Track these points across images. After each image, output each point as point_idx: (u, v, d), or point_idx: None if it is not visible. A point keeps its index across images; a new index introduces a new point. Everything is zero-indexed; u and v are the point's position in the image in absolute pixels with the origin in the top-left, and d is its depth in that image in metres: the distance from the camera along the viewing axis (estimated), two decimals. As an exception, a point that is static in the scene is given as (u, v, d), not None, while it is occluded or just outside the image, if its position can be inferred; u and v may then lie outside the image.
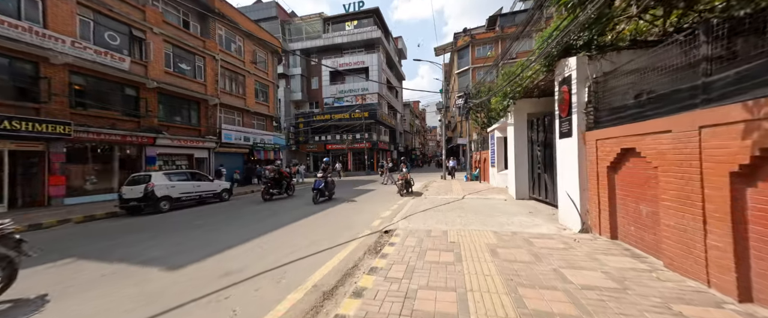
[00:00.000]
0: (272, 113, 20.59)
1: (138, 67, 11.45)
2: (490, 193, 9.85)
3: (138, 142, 11.46)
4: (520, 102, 8.18)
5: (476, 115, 17.09)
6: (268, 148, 19.80)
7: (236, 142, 16.82)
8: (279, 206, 9.12)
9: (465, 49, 28.52)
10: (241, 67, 17.58)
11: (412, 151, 55.14)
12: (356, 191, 12.78)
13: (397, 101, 40.67)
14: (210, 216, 7.77)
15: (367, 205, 8.79)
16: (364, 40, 30.60)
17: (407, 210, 7.40)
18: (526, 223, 5.42)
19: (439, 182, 15.10)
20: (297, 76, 32.20)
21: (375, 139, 29.98)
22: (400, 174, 11.06)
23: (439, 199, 9.10)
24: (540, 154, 7.51)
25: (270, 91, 20.50)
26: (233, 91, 17.14)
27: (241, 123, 17.89)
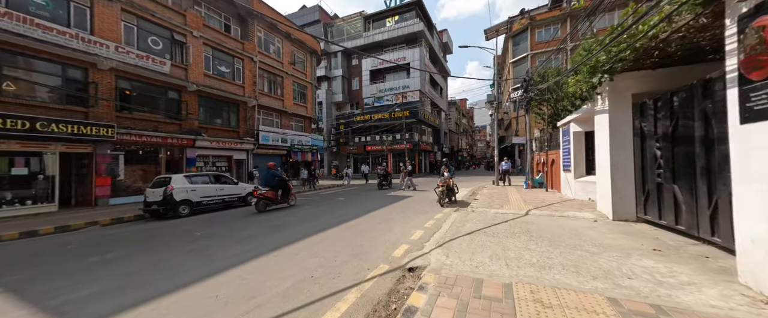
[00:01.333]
0: (310, 114, 20.35)
1: (178, 71, 11.81)
2: (565, 207, 7.17)
3: (178, 144, 11.77)
4: (620, 77, 5.52)
5: (539, 106, 13.89)
6: (306, 149, 19.54)
7: (274, 143, 16.77)
8: (294, 215, 7.99)
9: (522, 34, 24.62)
10: (280, 69, 17.57)
11: (459, 152, 51.30)
12: (391, 197, 11.13)
13: (442, 99, 37.94)
14: (220, 224, 6.97)
15: (399, 217, 7.05)
16: (406, 34, 28.96)
17: (447, 230, 5.44)
18: (661, 274, 3.03)
19: (491, 189, 12.49)
20: (338, 78, 32.21)
21: (416, 140, 28.03)
22: (441, 179, 9.05)
23: (491, 214, 6.86)
24: (661, 153, 4.79)
25: (308, 92, 20.30)
26: (271, 93, 17.19)
27: (279, 124, 17.90)
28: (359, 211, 8.25)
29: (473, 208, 7.63)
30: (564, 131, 9.45)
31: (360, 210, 8.38)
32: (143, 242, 5.55)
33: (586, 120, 7.95)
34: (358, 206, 9.16)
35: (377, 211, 8.06)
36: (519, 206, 7.62)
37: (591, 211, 6.49)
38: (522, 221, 5.98)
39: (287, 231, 5.91)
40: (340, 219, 7.04)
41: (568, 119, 8.76)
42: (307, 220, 7.12)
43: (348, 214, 7.66)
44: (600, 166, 6.37)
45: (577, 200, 8.22)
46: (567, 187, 9.24)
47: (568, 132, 8.97)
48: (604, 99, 6.01)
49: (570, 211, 6.68)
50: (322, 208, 9.15)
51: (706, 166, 3.85)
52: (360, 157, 30.94)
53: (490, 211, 7.21)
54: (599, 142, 6.35)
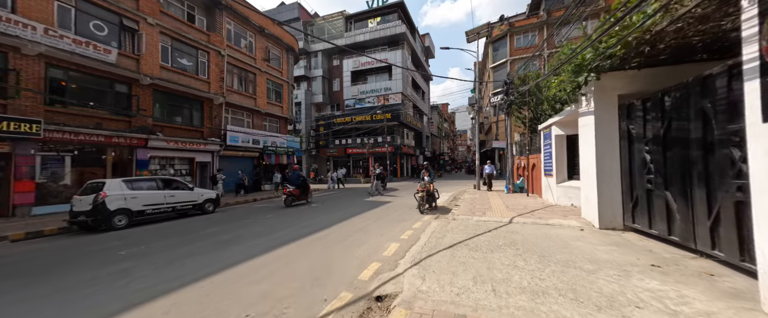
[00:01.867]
0: (286, 115, 19.22)
1: (128, 61, 10.44)
2: (549, 214, 6.80)
3: (127, 144, 10.34)
4: (606, 77, 5.21)
5: (520, 110, 13.82)
6: (281, 151, 18.36)
7: (244, 144, 15.50)
8: (254, 226, 7.04)
9: (501, 40, 25.02)
10: (252, 65, 16.39)
11: (441, 156, 51.59)
12: (370, 204, 10.39)
13: (424, 103, 37.92)
14: (159, 239, 5.89)
15: (374, 227, 6.33)
16: (388, 36, 28.59)
17: (425, 242, 4.81)
18: (672, 301, 2.54)
19: (472, 194, 12.12)
20: (318, 79, 31.16)
21: (398, 143, 27.55)
22: (420, 184, 8.46)
23: (473, 222, 6.34)
24: (651, 157, 4.47)
25: (284, 91, 19.19)
26: (242, 90, 15.96)
27: (250, 124, 16.64)
28: (332, 219, 7.44)
29: (454, 216, 7.08)
30: (545, 135, 9.23)
31: (333, 218, 7.58)
32: (44, 266, 4.41)
33: (569, 123, 7.72)
34: (331, 214, 8.35)
35: (352, 220, 7.29)
36: (502, 213, 7.17)
37: (576, 219, 6.14)
38: (506, 231, 5.48)
39: (237, 247, 5.00)
40: (306, 230, 6.20)
41: (549, 122, 8.52)
42: (266, 232, 6.21)
43: (317, 224, 6.83)
44: (585, 171, 6.04)
45: (560, 206, 7.94)
46: (548, 191, 8.98)
47: (549, 136, 8.74)
48: (590, 100, 5.69)
49: (554, 218, 6.30)
50: (289, 216, 8.24)
51: (705, 171, 3.49)
52: (340, 161, 29.95)
53: (472, 218, 6.69)
54: (584, 145, 6.03)
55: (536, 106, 12.02)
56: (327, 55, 31.86)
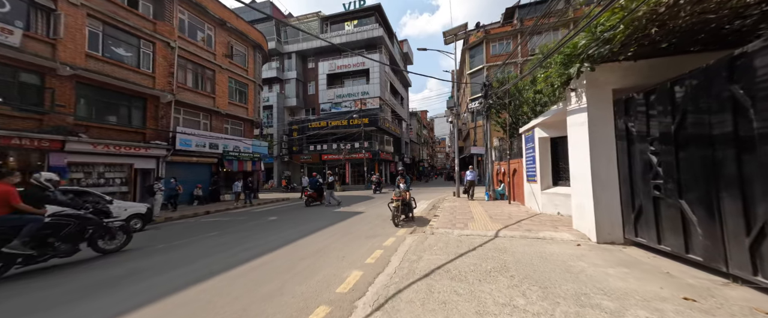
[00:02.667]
0: (252, 117, 17.54)
1: (40, 46, 8.54)
2: (538, 226, 6.04)
3: (36, 147, 8.35)
4: (599, 69, 4.57)
5: (498, 114, 13.42)
6: (245, 157, 16.59)
7: (198, 149, 13.66)
8: (192, 246, 5.59)
9: (478, 47, 25.25)
10: (210, 61, 14.71)
11: (420, 162, 51.36)
12: (338, 215, 9.17)
13: (403, 109, 37.51)
14: (15, 279, 4.28)
15: (336, 246, 5.16)
16: (365, 39, 27.89)
17: (396, 268, 3.75)
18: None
19: (452, 201, 11.31)
20: (292, 81, 29.60)
21: (376, 149, 26.57)
22: (395, 192, 7.45)
23: (455, 237, 5.39)
24: (658, 159, 3.80)
25: (250, 91, 17.55)
26: (198, 88, 14.19)
27: (208, 127, 14.82)
28: (288, 237, 6.15)
29: (433, 229, 6.10)
30: (527, 138, 8.66)
31: (289, 235, 6.29)
32: None
33: (554, 124, 7.13)
34: (290, 230, 7.04)
35: (311, 238, 6.05)
36: (486, 225, 6.31)
37: (568, 231, 5.39)
38: (494, 248, 4.56)
39: (121, 292, 3.58)
40: (248, 254, 4.88)
41: (532, 124, 7.94)
42: (190, 259, 4.80)
43: (267, 244, 5.52)
44: (576, 177, 5.35)
45: (546, 214, 7.26)
46: (532, 199, 8.34)
47: (532, 138, 8.15)
48: (581, 96, 5.04)
49: (545, 230, 5.51)
50: (237, 233, 6.81)
51: (739, 174, 2.78)
52: (315, 167, 28.32)
53: (453, 232, 5.74)
54: (575, 147, 5.35)
55: (516, 109, 11.62)
56: (301, 57, 30.49)
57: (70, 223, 4.40)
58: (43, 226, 4.11)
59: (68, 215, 4.45)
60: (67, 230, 4.36)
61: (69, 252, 4.45)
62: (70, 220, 4.42)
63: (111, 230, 5.06)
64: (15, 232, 3.84)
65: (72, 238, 4.46)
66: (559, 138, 7.34)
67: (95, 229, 4.79)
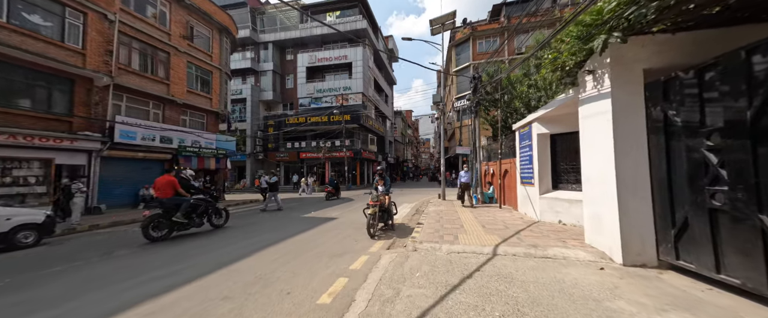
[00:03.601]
0: (217, 108, 15.60)
1: None
2: (540, 238, 4.99)
3: None
4: (631, 43, 3.54)
5: (488, 111, 12.51)
6: (207, 153, 14.66)
7: (146, 143, 11.68)
8: (75, 274, 4.02)
9: (464, 44, 24.55)
10: (164, 42, 12.72)
11: (404, 162, 50.47)
12: (308, 221, 7.75)
13: (387, 107, 36.36)
14: None
15: (284, 273, 3.79)
16: (348, 31, 26.40)
17: (363, 314, 2.47)
18: None
19: (437, 205, 10.21)
20: (268, 73, 27.53)
21: (358, 148, 25.19)
22: (372, 197, 6.19)
23: (443, 254, 4.21)
24: (719, 159, 2.79)
25: (215, 80, 15.61)
26: (146, 72, 12.18)
27: (160, 117, 12.82)
28: (221, 257, 4.70)
29: (416, 243, 4.88)
30: (522, 135, 7.69)
31: (226, 254, 4.84)
32: None
33: (556, 118, 6.15)
34: (239, 243, 5.57)
35: (256, 256, 4.64)
36: (479, 237, 5.18)
37: (581, 247, 4.35)
38: (496, 275, 3.40)
39: None
40: (129, 296, 3.39)
41: (530, 118, 6.94)
42: (46, 303, 3.27)
43: (175, 275, 3.98)
44: (591, 180, 4.33)
45: (546, 223, 6.27)
46: (527, 204, 7.37)
47: (528, 135, 7.16)
48: (601, 79, 4.00)
49: (553, 246, 4.45)
50: (147, 255, 5.25)
51: None
52: (293, 166, 26.47)
53: (441, 248, 4.56)
54: (590, 143, 4.33)
55: (508, 104, 10.71)
56: (279, 47, 28.48)
57: (201, 204, 6.50)
58: (190, 205, 6.23)
59: (201, 198, 6.53)
60: (201, 209, 6.50)
61: (199, 224, 6.55)
62: (201, 202, 6.50)
63: (219, 211, 7.16)
64: (177, 208, 6.05)
65: (202, 214, 6.60)
66: (561, 135, 6.39)
67: (212, 210, 6.91)
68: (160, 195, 6.12)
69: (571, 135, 6.13)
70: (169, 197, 6.09)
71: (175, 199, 6.11)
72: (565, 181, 6.41)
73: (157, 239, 5.81)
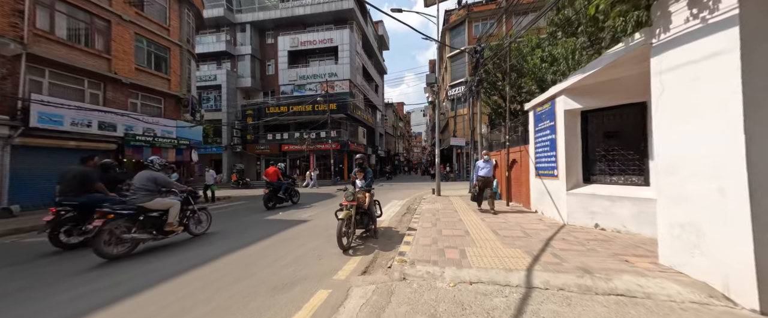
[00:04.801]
0: (177, 92, 13.45)
1: None
2: (585, 253, 3.44)
3: None
4: None
5: (488, 96, 10.91)
6: (164, 144, 12.58)
7: (77, 129, 9.57)
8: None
9: (459, 27, 22.83)
10: (102, 7, 10.48)
11: (396, 156, 48.88)
12: (269, 226, 6.00)
13: (377, 97, 34.44)
14: None
15: (203, 313, 2.08)
16: (334, 12, 24.24)
17: None
18: None
19: (432, 203, 8.63)
20: (246, 58, 25.13)
21: (345, 139, 23.33)
22: (347, 195, 4.52)
23: (448, 286, 2.56)
24: None
25: (173, 58, 13.40)
26: (79, 43, 9.96)
27: (100, 99, 10.66)
28: (111, 294, 2.93)
29: (405, 266, 3.23)
30: (539, 115, 6.11)
31: (129, 282, 3.07)
32: None
33: (593, 88, 4.57)
34: (149, 265, 3.79)
35: (159, 289, 2.90)
36: (496, 251, 3.58)
37: (664, 274, 2.80)
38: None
39: None
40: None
41: (554, 90, 5.35)
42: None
43: None
44: (682, 168, 2.76)
45: (577, 227, 4.75)
46: (545, 202, 5.84)
47: (550, 114, 5.59)
48: (704, 4, 2.40)
49: (616, 270, 2.88)
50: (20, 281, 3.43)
51: None
52: (274, 158, 24.41)
53: (443, 275, 2.93)
54: (682, 109, 2.74)
55: (514, 83, 9.11)
56: (258, 29, 26.03)
57: (290, 187, 9.17)
58: (286, 187, 8.96)
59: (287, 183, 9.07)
60: (291, 191, 9.25)
61: (286, 200, 9.04)
62: (283, 184, 8.97)
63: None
64: (279, 189, 8.74)
65: (291, 196, 9.21)
66: (597, 111, 4.83)
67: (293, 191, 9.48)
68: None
69: (614, 111, 4.58)
70: (275, 181, 7.38)
71: (279, 182, 7.79)
72: (601, 172, 4.89)
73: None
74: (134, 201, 4.17)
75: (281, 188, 8.82)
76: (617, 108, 4.57)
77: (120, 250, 3.98)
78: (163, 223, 4.44)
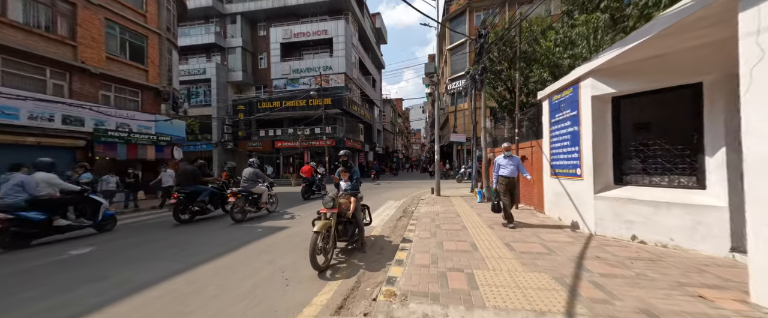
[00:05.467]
0: (156, 84, 12.46)
1: None
2: (638, 281, 2.57)
3: None
4: None
5: (492, 87, 9.96)
6: (142, 140, 11.63)
7: (36, 124, 8.61)
8: None
9: (460, 18, 21.80)
10: (65, -13, 9.45)
11: (394, 153, 47.96)
12: (236, 236, 5.10)
13: (375, 92, 33.40)
14: None
15: None
16: (328, 2, 23.13)
17: None
18: None
19: (432, 205, 7.75)
20: (237, 50, 24.04)
21: (341, 136, 22.39)
22: (326, 202, 3.62)
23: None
24: None
25: (151, 47, 12.39)
26: (37, 27, 8.96)
27: (67, 91, 9.68)
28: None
29: (395, 307, 2.33)
30: (556, 105, 5.21)
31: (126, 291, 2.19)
32: None
33: (629, 68, 3.67)
34: (50, 298, 2.89)
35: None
36: (516, 280, 2.70)
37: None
38: None
39: None
40: None
41: (579, 72, 4.44)
42: None
43: None
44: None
45: (609, 238, 3.88)
46: (564, 206, 4.97)
47: (571, 102, 4.69)
48: None
49: (691, 313, 2.00)
50: None
51: None
52: (267, 156, 23.49)
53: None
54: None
55: (524, 69, 8.16)
56: (249, 20, 24.91)
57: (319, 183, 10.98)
58: (318, 181, 10.82)
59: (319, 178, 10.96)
60: (320, 185, 10.95)
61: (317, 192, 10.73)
62: (315, 179, 10.83)
63: None
64: (312, 183, 10.54)
65: (320, 189, 10.88)
66: (634, 97, 3.93)
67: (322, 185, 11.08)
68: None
69: (657, 95, 3.69)
70: (310, 177, 9.96)
71: (314, 178, 9.59)
72: (636, 172, 4.01)
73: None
74: (246, 187, 6.50)
75: (314, 182, 10.69)
76: (661, 92, 3.67)
77: (240, 217, 6.19)
78: (259, 201, 6.68)
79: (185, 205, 6.20)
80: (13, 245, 4.44)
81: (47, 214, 4.67)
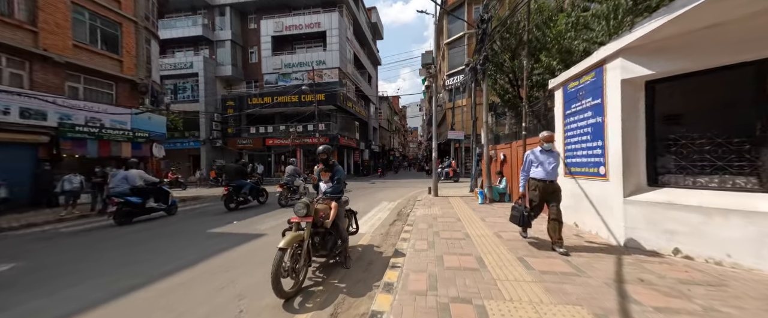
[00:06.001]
0: (133, 75, 11.56)
1: None
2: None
3: None
4: None
5: (493, 80, 9.25)
6: (117, 136, 10.76)
7: (-11, 117, 7.71)
8: None
9: (458, 10, 21.05)
10: (23, -35, 8.51)
11: (391, 151, 47.23)
12: (210, 242, 4.33)
13: (370, 88, 32.58)
14: None
15: None
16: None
17: None
18: None
19: (429, 207, 7.03)
20: (226, 44, 23.04)
21: (335, 133, 21.59)
22: (299, 207, 2.86)
23: None
24: None
25: (126, 35, 11.47)
26: (-11, 9, 8.04)
27: (27, 82, 8.78)
28: None
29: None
30: (573, 93, 4.52)
31: None
32: None
33: (672, 44, 2.97)
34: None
35: None
36: (538, 311, 1.98)
37: None
38: None
39: None
40: None
41: (605, 52, 3.74)
42: None
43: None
44: None
45: (645, 252, 3.19)
46: (580, 209, 4.30)
47: (592, 89, 3.99)
48: None
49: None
50: None
51: None
52: (257, 154, 22.59)
53: None
54: None
55: (536, 52, 7.41)
56: (239, 12, 23.89)
57: None
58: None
59: None
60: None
61: None
62: None
63: None
64: None
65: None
66: (672, 80, 3.24)
67: None
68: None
69: (704, 77, 3.00)
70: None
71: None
72: (677, 171, 3.33)
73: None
74: (289, 181, 8.42)
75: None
76: (710, 73, 2.99)
77: (285, 203, 8.00)
78: (297, 191, 8.57)
79: (233, 196, 7.48)
80: (123, 221, 6.09)
81: (142, 199, 6.39)
